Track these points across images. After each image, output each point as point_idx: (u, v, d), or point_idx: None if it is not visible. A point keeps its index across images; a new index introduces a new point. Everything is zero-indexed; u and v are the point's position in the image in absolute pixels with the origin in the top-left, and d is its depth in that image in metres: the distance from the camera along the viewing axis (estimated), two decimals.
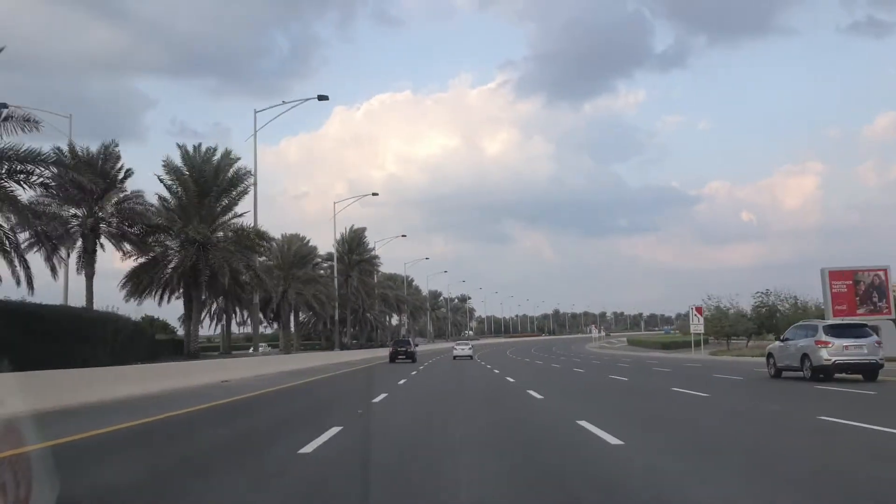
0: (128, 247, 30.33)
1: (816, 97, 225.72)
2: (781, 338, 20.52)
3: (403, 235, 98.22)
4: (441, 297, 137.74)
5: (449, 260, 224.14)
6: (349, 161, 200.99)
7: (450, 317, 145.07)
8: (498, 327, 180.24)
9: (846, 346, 16.98)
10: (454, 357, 46.10)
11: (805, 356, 17.54)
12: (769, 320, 48.10)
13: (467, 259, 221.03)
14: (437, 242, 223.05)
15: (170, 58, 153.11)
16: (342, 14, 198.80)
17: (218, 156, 35.04)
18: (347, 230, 65.48)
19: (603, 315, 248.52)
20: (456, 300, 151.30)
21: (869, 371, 16.97)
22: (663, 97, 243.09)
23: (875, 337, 17.54)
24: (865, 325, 18.67)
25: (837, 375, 16.92)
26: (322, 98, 35.30)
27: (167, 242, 32.99)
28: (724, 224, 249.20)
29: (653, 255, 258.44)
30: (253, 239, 33.65)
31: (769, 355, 20.01)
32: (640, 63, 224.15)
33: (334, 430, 8.30)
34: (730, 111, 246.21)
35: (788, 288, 50.30)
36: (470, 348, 49.84)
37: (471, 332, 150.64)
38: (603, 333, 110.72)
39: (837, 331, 17.54)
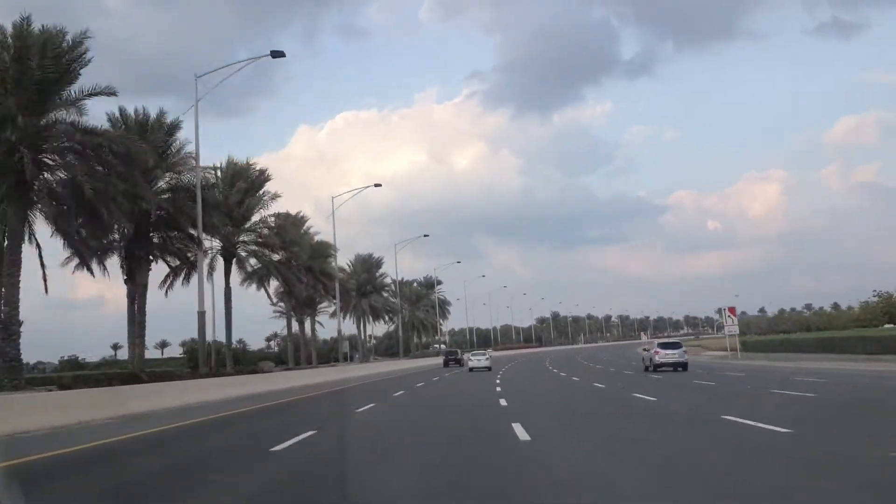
0: None
1: (780, 102, 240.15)
2: (643, 348, 45.24)
3: (426, 235, 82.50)
4: (382, 275, 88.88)
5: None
6: (315, 180, 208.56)
7: (405, 312, 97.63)
8: (484, 338, 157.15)
9: (667, 354, 34.84)
10: (470, 369, 47.69)
11: (650, 359, 35.76)
12: None
13: (438, 275, 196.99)
14: (407, 259, 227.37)
15: (127, 77, 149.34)
16: (306, 28, 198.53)
17: None
18: None
19: (608, 319, 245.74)
20: (416, 285, 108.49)
21: (681, 365, 34.41)
22: (630, 108, 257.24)
23: (683, 349, 36.20)
24: (679, 342, 37.83)
25: (663, 368, 34.48)
26: (276, 54, 33.08)
27: None
28: (691, 233, 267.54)
29: (623, 266, 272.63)
30: None
31: (642, 359, 39.00)
32: (608, 71, 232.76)
33: None
34: (695, 119, 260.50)
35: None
36: (487, 359, 48.95)
37: (443, 346, 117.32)
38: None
39: (664, 345, 36.50)
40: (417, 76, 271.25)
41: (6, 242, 25.50)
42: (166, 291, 37.95)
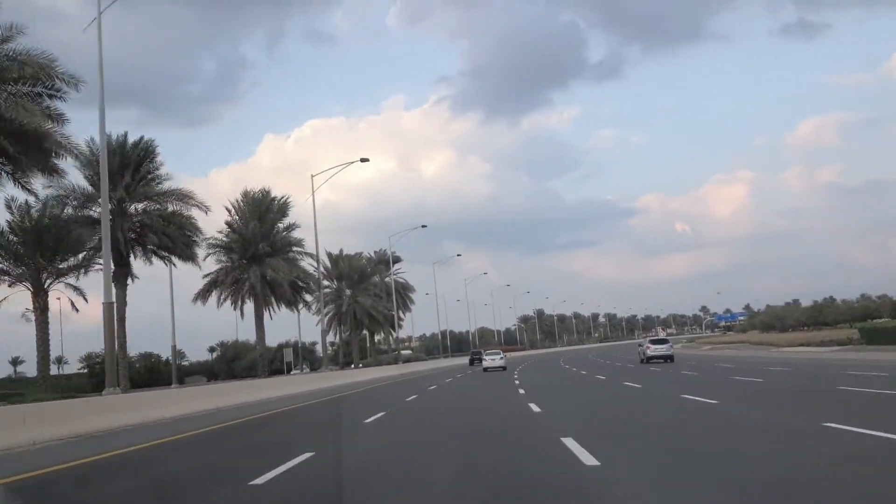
0: None
1: (746, 104, 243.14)
2: (639, 344, 55.68)
3: (424, 226, 67.69)
4: (290, 227, 54.78)
5: None
6: (283, 188, 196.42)
7: (345, 297, 70.90)
8: (459, 342, 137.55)
9: (657, 348, 43.88)
10: (484, 369, 49.39)
11: (643, 352, 45.06)
12: None
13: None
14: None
15: (87, 86, 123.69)
16: (271, 35, 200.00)
17: None
18: None
19: (595, 317, 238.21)
20: (365, 261, 79.32)
21: (668, 358, 42.63)
22: (598, 112, 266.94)
23: (670, 344, 45.65)
24: (666, 339, 49.65)
25: (655, 360, 42.52)
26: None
27: None
28: (659, 236, 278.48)
29: (594, 269, 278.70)
30: None
31: (638, 353, 48.19)
32: (576, 75, 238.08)
33: None
34: (662, 122, 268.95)
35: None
36: (501, 358, 50.07)
37: (409, 352, 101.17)
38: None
39: (654, 342, 46.44)
40: (385, 82, 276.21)
41: None
42: None
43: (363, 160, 41.22)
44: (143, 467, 10.24)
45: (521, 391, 22.90)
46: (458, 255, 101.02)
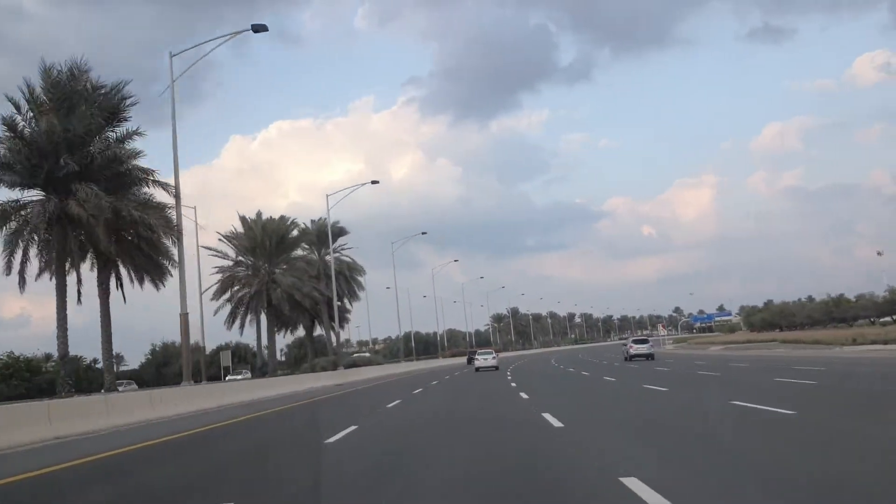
0: None
1: (712, 108, 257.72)
2: (623, 344, 65.69)
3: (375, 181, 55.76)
4: (128, 137, 31.47)
5: None
6: (249, 191, 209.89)
7: (260, 275, 52.37)
8: (426, 344, 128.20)
9: (638, 347, 49.99)
10: (476, 368, 50.33)
11: (626, 351, 51.91)
12: None
13: (377, 289, 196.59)
14: None
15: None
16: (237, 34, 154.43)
17: None
18: None
19: (571, 317, 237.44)
20: (292, 226, 61.39)
21: (648, 357, 48.54)
22: (567, 115, 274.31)
23: (650, 343, 53.44)
24: (647, 338, 59.69)
25: (637, 358, 48.33)
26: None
27: None
28: (628, 239, 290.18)
29: (563, 272, 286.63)
30: None
31: (623, 351, 54.99)
32: (546, 78, 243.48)
33: None
34: (630, 126, 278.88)
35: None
36: (494, 358, 51.11)
37: (365, 355, 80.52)
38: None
39: (636, 341, 53.00)
40: (354, 84, 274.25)
41: None
42: None
43: (257, 27, 30.13)
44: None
45: (513, 384, 27.39)
46: (424, 234, 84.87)
